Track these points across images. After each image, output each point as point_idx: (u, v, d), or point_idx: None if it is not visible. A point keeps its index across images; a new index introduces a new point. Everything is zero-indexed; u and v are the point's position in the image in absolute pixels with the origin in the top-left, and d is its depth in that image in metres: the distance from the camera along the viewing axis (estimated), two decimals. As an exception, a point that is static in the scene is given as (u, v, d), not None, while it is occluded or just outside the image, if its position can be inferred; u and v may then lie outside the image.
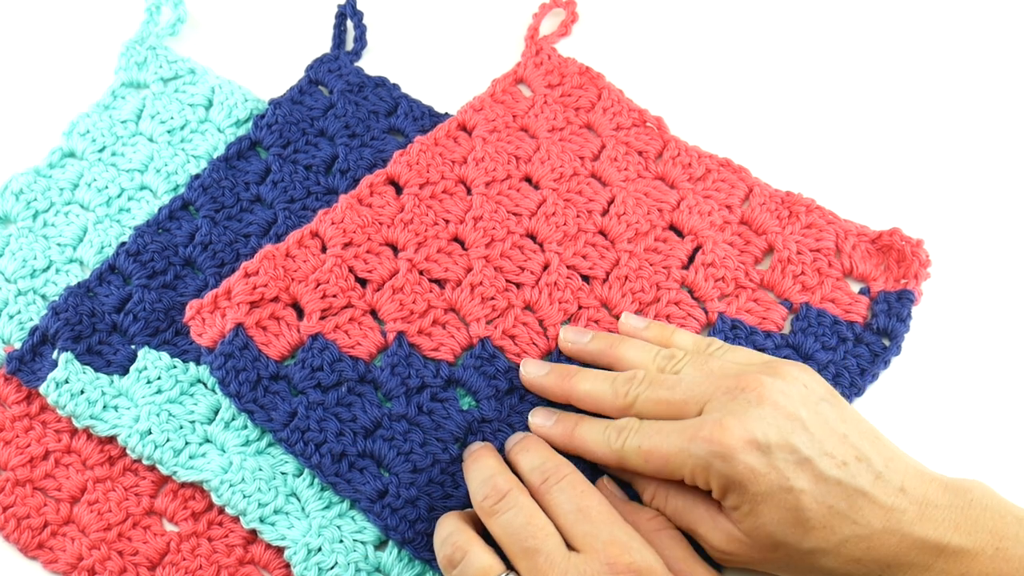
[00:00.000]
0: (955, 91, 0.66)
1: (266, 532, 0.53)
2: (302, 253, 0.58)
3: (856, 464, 0.47)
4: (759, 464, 0.46)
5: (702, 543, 0.50)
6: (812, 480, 0.46)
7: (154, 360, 0.56)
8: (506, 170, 0.61)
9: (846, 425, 0.48)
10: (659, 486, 0.51)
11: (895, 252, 0.59)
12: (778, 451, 0.46)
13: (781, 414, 0.47)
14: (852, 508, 0.46)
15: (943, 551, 0.46)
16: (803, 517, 0.46)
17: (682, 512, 0.50)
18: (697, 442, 0.47)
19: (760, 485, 0.46)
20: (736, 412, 0.47)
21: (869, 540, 0.47)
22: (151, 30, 0.64)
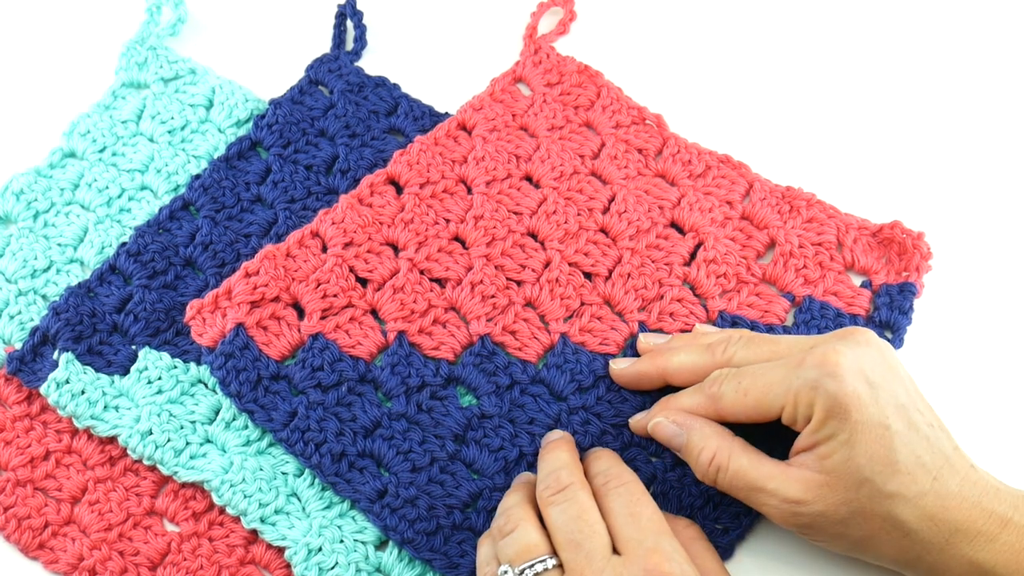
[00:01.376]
0: (954, 84, 0.66)
1: (267, 532, 0.53)
2: (303, 253, 0.58)
3: (940, 430, 0.49)
4: (866, 393, 0.47)
5: (767, 504, 0.49)
6: (907, 426, 0.48)
7: (155, 360, 0.56)
8: (506, 169, 0.61)
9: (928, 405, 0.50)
10: (723, 441, 0.50)
11: (896, 245, 0.59)
12: (882, 389, 0.48)
13: (887, 361, 0.49)
14: (935, 464, 0.48)
15: (1008, 523, 0.48)
16: (894, 458, 0.47)
17: (747, 470, 0.49)
18: (806, 367, 0.48)
19: (864, 413, 0.47)
20: (849, 345, 0.48)
21: (946, 500, 0.47)
22: (151, 30, 0.65)
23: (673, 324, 0.58)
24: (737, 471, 0.49)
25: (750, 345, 0.52)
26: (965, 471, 0.48)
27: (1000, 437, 0.56)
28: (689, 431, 0.51)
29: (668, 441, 0.52)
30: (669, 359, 0.54)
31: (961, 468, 0.48)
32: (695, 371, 0.53)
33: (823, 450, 0.48)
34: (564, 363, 0.56)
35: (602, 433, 0.55)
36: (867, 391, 0.47)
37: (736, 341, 0.52)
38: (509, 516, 0.49)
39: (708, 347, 0.53)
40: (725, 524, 0.54)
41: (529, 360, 0.56)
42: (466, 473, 0.54)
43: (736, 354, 0.52)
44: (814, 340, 0.50)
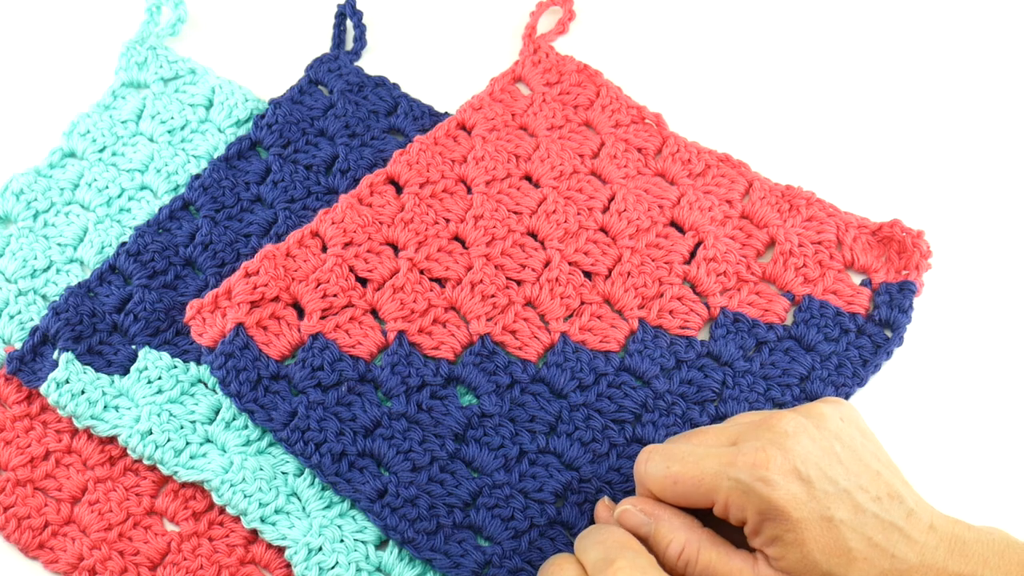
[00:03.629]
0: (954, 83, 0.66)
1: (267, 532, 0.53)
2: (302, 253, 0.58)
3: (889, 500, 0.47)
4: (801, 492, 0.46)
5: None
6: (851, 511, 0.46)
7: (155, 360, 0.56)
8: (506, 169, 0.61)
9: (879, 463, 0.48)
10: (691, 536, 0.48)
11: (896, 243, 0.59)
12: (818, 482, 0.46)
13: (818, 447, 0.47)
14: (889, 541, 0.46)
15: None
16: (846, 547, 0.46)
17: (716, 566, 0.48)
18: (737, 467, 0.46)
19: (803, 511, 0.46)
20: (775, 442, 0.47)
21: (908, 574, 0.46)
22: (151, 30, 0.65)
23: (672, 321, 0.58)
24: (707, 566, 0.48)
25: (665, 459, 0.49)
26: (923, 537, 0.47)
27: (999, 435, 0.56)
28: (657, 521, 0.49)
29: (635, 530, 0.49)
30: None
31: (918, 536, 0.47)
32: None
33: (775, 552, 0.47)
34: (565, 361, 0.56)
35: (604, 428, 0.55)
36: (801, 490, 0.46)
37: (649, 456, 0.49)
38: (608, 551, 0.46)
39: None
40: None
41: (529, 359, 0.57)
42: (466, 472, 0.54)
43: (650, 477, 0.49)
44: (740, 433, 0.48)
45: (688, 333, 0.58)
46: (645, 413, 0.55)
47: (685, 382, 0.56)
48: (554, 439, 0.55)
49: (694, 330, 0.58)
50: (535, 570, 0.52)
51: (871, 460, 0.48)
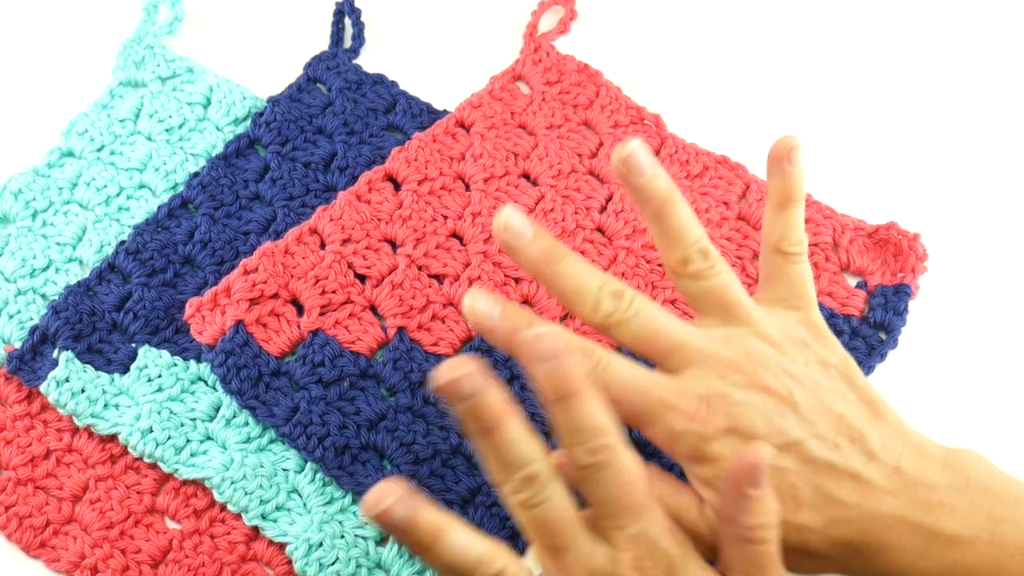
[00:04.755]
0: (952, 85, 0.66)
1: (268, 529, 0.53)
2: (301, 250, 0.58)
3: (849, 445, 0.45)
4: (729, 450, 0.44)
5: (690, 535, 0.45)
6: (799, 461, 0.44)
7: (155, 358, 0.56)
8: (504, 167, 0.61)
9: (845, 403, 0.46)
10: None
11: (892, 246, 0.59)
12: (764, 438, 0.44)
13: (773, 399, 0.45)
14: (841, 489, 0.44)
15: (937, 537, 0.45)
16: (792, 495, 0.44)
17: (665, 498, 0.46)
18: (675, 413, 0.44)
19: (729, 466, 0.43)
20: (723, 394, 0.44)
21: (860, 523, 0.45)
22: (149, 29, 0.64)
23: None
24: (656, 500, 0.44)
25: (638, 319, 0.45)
26: (884, 482, 0.45)
27: (993, 436, 0.57)
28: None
29: None
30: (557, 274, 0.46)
31: (879, 480, 0.45)
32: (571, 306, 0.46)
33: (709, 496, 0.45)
34: None
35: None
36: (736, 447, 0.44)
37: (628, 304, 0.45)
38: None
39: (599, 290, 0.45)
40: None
41: None
42: (466, 468, 0.54)
43: (619, 324, 0.45)
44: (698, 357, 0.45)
45: (684, 333, 0.58)
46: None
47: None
48: (553, 440, 0.55)
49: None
50: (534, 568, 0.52)
51: (836, 401, 0.45)
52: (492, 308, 0.46)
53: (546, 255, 0.46)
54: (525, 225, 0.46)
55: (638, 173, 0.46)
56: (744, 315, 0.46)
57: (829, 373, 0.47)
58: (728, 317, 0.47)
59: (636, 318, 0.45)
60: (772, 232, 0.49)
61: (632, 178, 0.46)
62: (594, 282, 0.46)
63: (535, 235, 0.46)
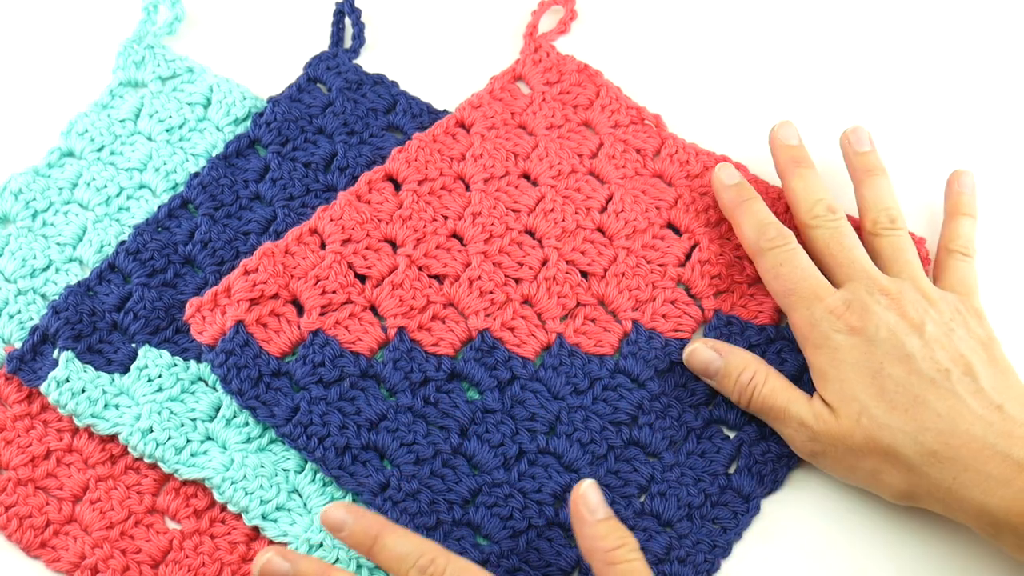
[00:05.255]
0: (956, 88, 0.66)
1: (268, 529, 0.53)
2: (301, 250, 0.58)
3: (960, 375, 0.51)
4: (848, 344, 0.52)
5: (788, 427, 0.53)
6: (907, 372, 0.51)
7: (155, 358, 0.56)
8: (504, 167, 0.61)
9: (974, 353, 0.52)
10: (759, 366, 0.54)
11: (894, 247, 0.60)
12: (882, 344, 0.51)
13: (905, 322, 0.52)
14: (940, 402, 0.50)
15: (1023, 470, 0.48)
16: (888, 396, 0.50)
17: (778, 392, 0.53)
18: (821, 305, 0.53)
19: (848, 356, 0.52)
20: (866, 303, 0.52)
21: (951, 437, 0.49)
22: (149, 29, 0.64)
23: (666, 324, 0.58)
24: (770, 392, 0.53)
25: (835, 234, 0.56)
26: (983, 411, 0.49)
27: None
28: (727, 354, 0.55)
29: (706, 366, 0.55)
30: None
31: (977, 407, 0.49)
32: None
33: (816, 379, 0.53)
34: (560, 365, 0.57)
35: (602, 429, 0.55)
36: (855, 343, 0.52)
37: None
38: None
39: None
40: (723, 523, 0.54)
41: (528, 357, 0.57)
42: (467, 468, 0.54)
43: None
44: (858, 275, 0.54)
45: (682, 335, 0.58)
46: (641, 415, 0.56)
47: (679, 385, 0.57)
48: (553, 439, 0.55)
49: (688, 332, 0.58)
50: (532, 570, 0.53)
51: (964, 346, 0.52)
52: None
53: (799, 158, 0.59)
54: (796, 135, 0.60)
55: (859, 144, 0.59)
56: (913, 274, 0.55)
57: (970, 334, 0.53)
58: (900, 271, 0.55)
59: (835, 229, 0.56)
60: (948, 236, 0.58)
61: (854, 147, 0.59)
62: (820, 192, 0.57)
63: (798, 144, 0.60)
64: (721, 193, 0.59)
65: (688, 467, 0.55)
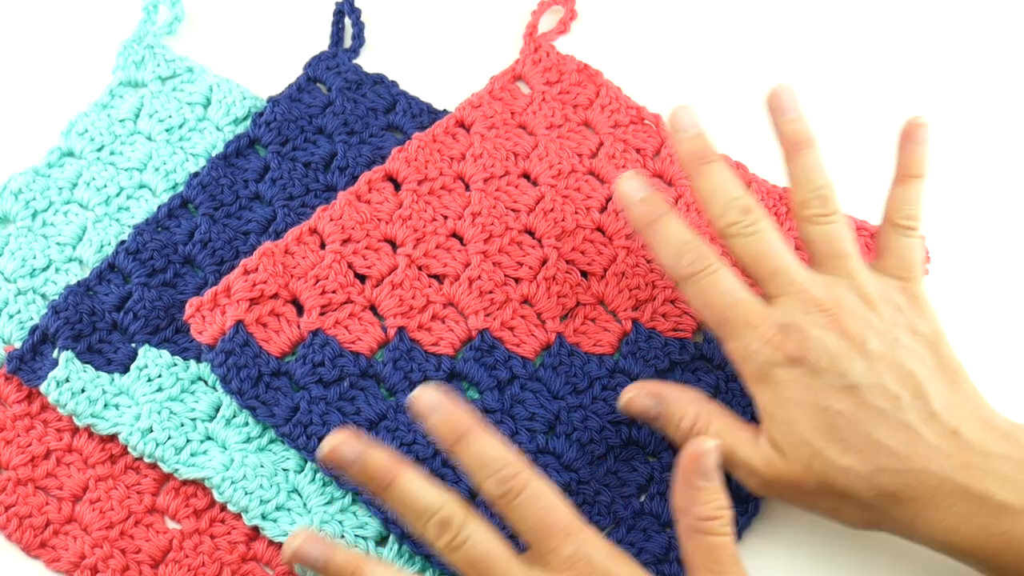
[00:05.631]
0: (957, 87, 0.66)
1: (268, 528, 0.53)
2: (301, 250, 0.58)
3: (910, 401, 0.47)
4: (790, 378, 0.47)
5: (738, 472, 0.49)
6: (854, 405, 0.46)
7: (155, 358, 0.56)
8: (504, 167, 0.61)
9: (921, 365, 0.48)
10: (701, 409, 0.50)
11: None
12: (825, 374, 0.47)
13: (847, 343, 0.47)
14: (892, 439, 0.46)
15: (985, 503, 0.45)
16: (839, 436, 0.46)
17: (723, 434, 0.49)
18: (755, 333, 0.48)
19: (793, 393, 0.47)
20: (801, 327, 0.47)
21: (907, 476, 0.46)
22: (149, 29, 0.64)
23: (665, 324, 0.58)
24: (716, 435, 0.49)
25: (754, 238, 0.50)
26: (938, 442, 0.46)
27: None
28: (665, 400, 0.51)
29: (644, 413, 0.51)
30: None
31: (932, 439, 0.46)
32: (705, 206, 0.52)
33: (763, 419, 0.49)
34: (559, 364, 0.57)
35: (601, 428, 0.55)
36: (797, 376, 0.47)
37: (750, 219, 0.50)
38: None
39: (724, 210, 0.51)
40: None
41: (527, 357, 0.57)
42: (466, 468, 0.54)
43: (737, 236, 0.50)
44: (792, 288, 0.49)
45: (681, 335, 0.58)
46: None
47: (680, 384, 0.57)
48: (553, 439, 0.55)
49: (687, 332, 0.58)
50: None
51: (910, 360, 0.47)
52: (637, 191, 0.51)
53: (700, 153, 0.52)
54: (692, 123, 0.52)
55: (782, 112, 0.53)
56: (849, 268, 0.50)
57: (915, 338, 0.49)
58: (835, 266, 0.50)
59: (754, 236, 0.50)
60: (890, 205, 0.52)
61: (777, 116, 0.53)
62: (730, 192, 0.50)
63: (697, 134, 0.52)
64: (629, 209, 0.52)
65: None
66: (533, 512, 0.44)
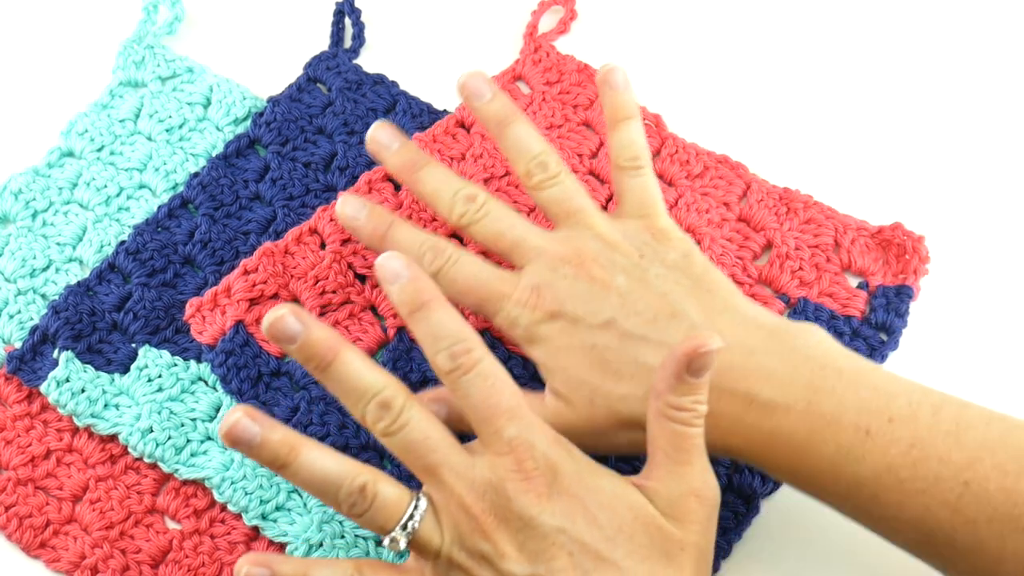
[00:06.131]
0: (958, 86, 0.66)
1: (268, 529, 0.53)
2: (301, 250, 0.58)
3: (667, 320, 0.48)
4: (555, 331, 0.48)
5: None
6: (616, 336, 0.48)
7: (155, 358, 0.56)
8: (504, 167, 0.61)
9: (675, 286, 0.49)
10: None
11: (896, 247, 0.59)
12: (584, 318, 0.48)
13: (596, 286, 0.49)
14: (657, 357, 0.47)
15: (752, 403, 0.46)
16: (611, 368, 0.47)
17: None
18: (511, 301, 0.49)
19: (560, 342, 0.48)
20: (551, 283, 0.49)
21: None
22: (149, 29, 0.64)
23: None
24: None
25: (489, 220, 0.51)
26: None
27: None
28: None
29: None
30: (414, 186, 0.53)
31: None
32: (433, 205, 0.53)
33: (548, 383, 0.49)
34: None
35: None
36: (556, 328, 0.48)
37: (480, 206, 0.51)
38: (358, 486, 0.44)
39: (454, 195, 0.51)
40: (723, 523, 0.54)
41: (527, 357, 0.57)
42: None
43: (472, 224, 0.51)
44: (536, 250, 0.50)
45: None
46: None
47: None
48: None
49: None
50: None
51: (662, 285, 0.49)
52: (359, 211, 0.52)
53: (410, 162, 0.53)
54: (392, 137, 0.53)
55: (476, 97, 0.53)
56: (586, 220, 0.51)
57: (666, 266, 0.50)
58: (572, 222, 0.51)
59: (486, 218, 0.51)
60: (612, 151, 0.53)
61: (472, 102, 0.53)
62: (451, 187, 0.52)
63: (401, 145, 0.53)
64: (359, 232, 0.53)
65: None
66: (479, 391, 0.44)
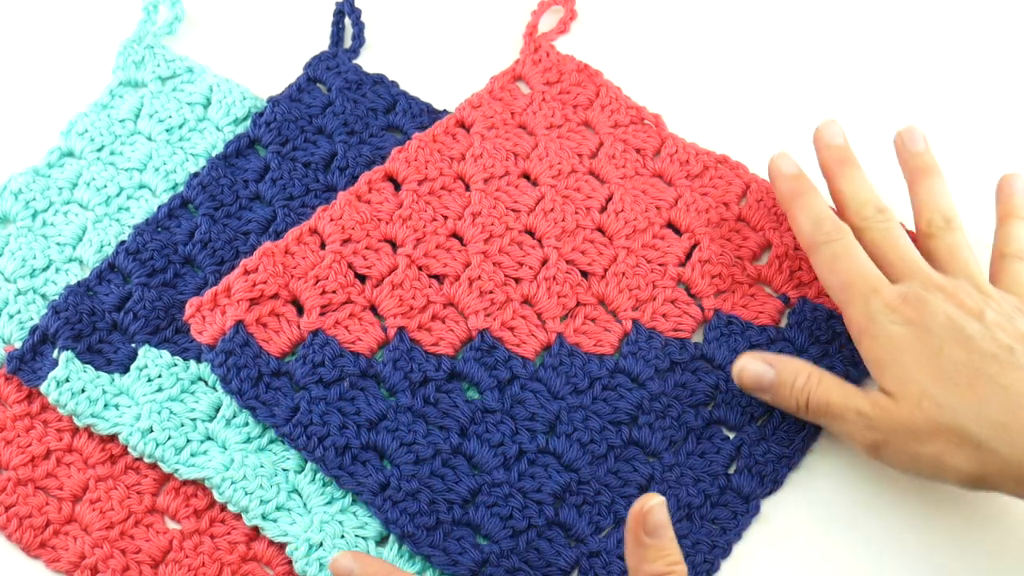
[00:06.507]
0: (958, 85, 0.66)
1: (268, 529, 0.53)
2: (301, 250, 0.58)
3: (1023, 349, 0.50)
4: (905, 332, 0.51)
5: (851, 418, 0.52)
6: (967, 352, 0.50)
7: (155, 358, 0.56)
8: (504, 167, 0.61)
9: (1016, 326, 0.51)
10: (812, 370, 0.54)
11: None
12: (940, 328, 0.51)
13: (963, 310, 0.51)
14: (1004, 376, 0.49)
15: None
16: (950, 377, 0.50)
17: (833, 388, 0.53)
18: (877, 298, 0.52)
19: (906, 344, 0.51)
20: (921, 296, 0.52)
21: (1017, 409, 0.48)
22: (149, 29, 0.64)
23: (666, 324, 0.58)
24: (826, 389, 0.53)
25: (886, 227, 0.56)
26: None
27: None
28: (778, 364, 0.54)
29: (758, 380, 0.54)
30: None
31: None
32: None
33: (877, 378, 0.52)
34: (560, 364, 0.57)
35: (602, 429, 0.55)
36: (910, 332, 0.51)
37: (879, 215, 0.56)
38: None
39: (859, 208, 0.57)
40: (723, 524, 0.54)
41: (527, 357, 0.57)
42: (467, 468, 0.54)
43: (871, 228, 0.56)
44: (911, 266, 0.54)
45: (681, 335, 0.58)
46: (641, 415, 0.56)
47: (679, 384, 0.57)
48: (553, 439, 0.55)
49: (687, 332, 0.58)
50: (532, 570, 0.53)
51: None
52: (792, 167, 0.58)
53: (842, 156, 0.58)
54: (836, 132, 0.59)
55: (913, 143, 0.59)
56: (971, 273, 0.54)
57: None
58: (959, 274, 0.54)
59: (887, 228, 0.56)
60: (1000, 239, 0.58)
61: (906, 147, 0.59)
62: (869, 194, 0.57)
63: (841, 140, 0.59)
64: (778, 183, 0.58)
65: (688, 467, 0.55)
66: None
